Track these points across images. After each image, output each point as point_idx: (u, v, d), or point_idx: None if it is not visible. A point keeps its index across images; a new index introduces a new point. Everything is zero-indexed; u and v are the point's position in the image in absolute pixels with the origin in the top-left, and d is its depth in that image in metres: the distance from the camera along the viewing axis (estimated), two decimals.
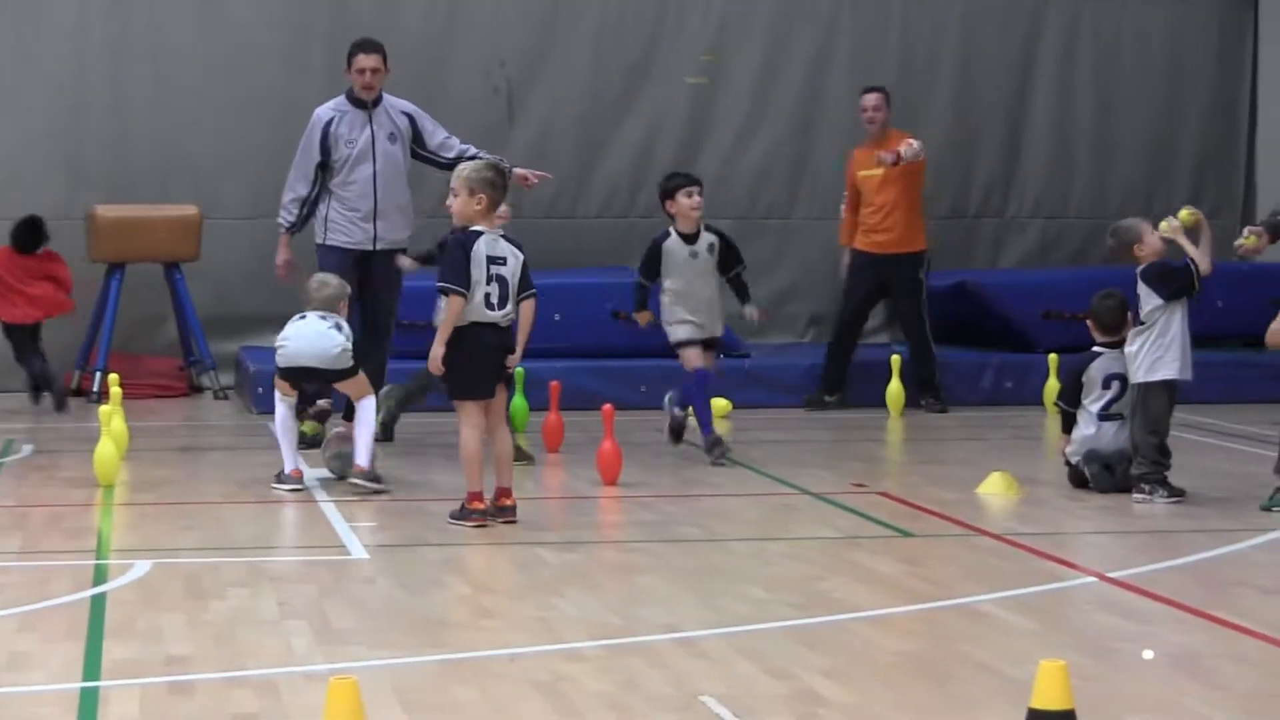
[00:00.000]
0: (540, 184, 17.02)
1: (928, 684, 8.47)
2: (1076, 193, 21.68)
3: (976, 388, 19.10)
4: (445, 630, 9.53)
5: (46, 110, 20.32)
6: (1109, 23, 22.04)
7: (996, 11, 21.89)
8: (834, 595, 10.32)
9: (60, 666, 8.73)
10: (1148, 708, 7.95)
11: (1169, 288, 13.04)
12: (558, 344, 18.70)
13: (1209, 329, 13.42)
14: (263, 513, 13.09)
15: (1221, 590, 10.38)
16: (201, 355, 20.01)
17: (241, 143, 20.26)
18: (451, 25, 21.04)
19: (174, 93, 20.54)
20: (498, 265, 12.28)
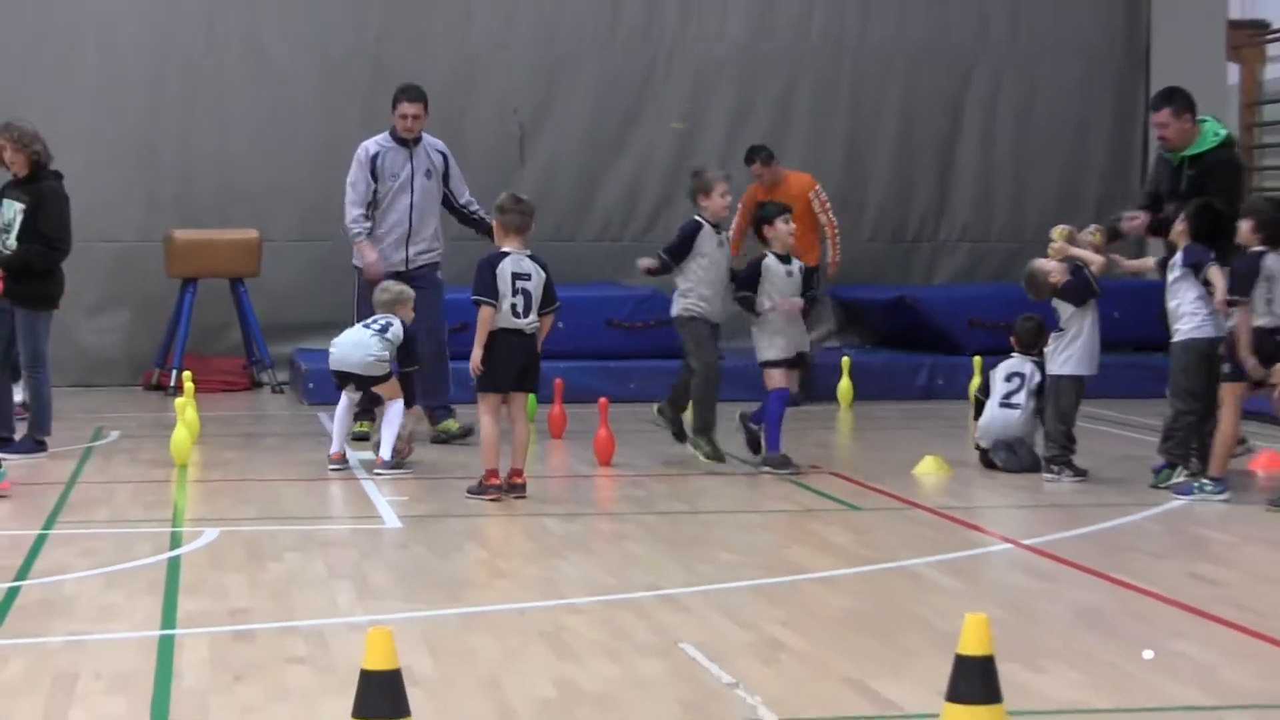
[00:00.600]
0: (551, 209, 17.24)
1: (871, 634, 8.50)
2: (998, 221, 21.71)
3: (914, 385, 19.12)
4: (465, 588, 9.57)
5: (130, 153, 20.33)
6: (1026, 80, 22.00)
7: (931, 67, 21.84)
8: (793, 559, 10.37)
9: (142, 617, 8.77)
10: (1055, 653, 7.98)
11: (1078, 296, 13.10)
12: (561, 347, 18.70)
13: (1108, 337, 13.45)
14: (312, 489, 13.12)
15: (1118, 555, 10.41)
16: (261, 356, 20.01)
17: (291, 177, 20.27)
18: (472, 79, 21.00)
19: (234, 137, 20.55)
20: (523, 280, 12.38)
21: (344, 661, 7.66)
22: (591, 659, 7.88)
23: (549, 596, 9.27)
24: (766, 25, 21.60)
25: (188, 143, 20.57)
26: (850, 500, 12.47)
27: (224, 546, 10.67)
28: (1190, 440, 12.61)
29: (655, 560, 10.39)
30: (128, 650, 8.09)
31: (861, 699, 7.25)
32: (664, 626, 8.53)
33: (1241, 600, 9.19)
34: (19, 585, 9.53)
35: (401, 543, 10.93)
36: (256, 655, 8.01)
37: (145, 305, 20.28)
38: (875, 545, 10.82)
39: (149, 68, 20.48)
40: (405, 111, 15.24)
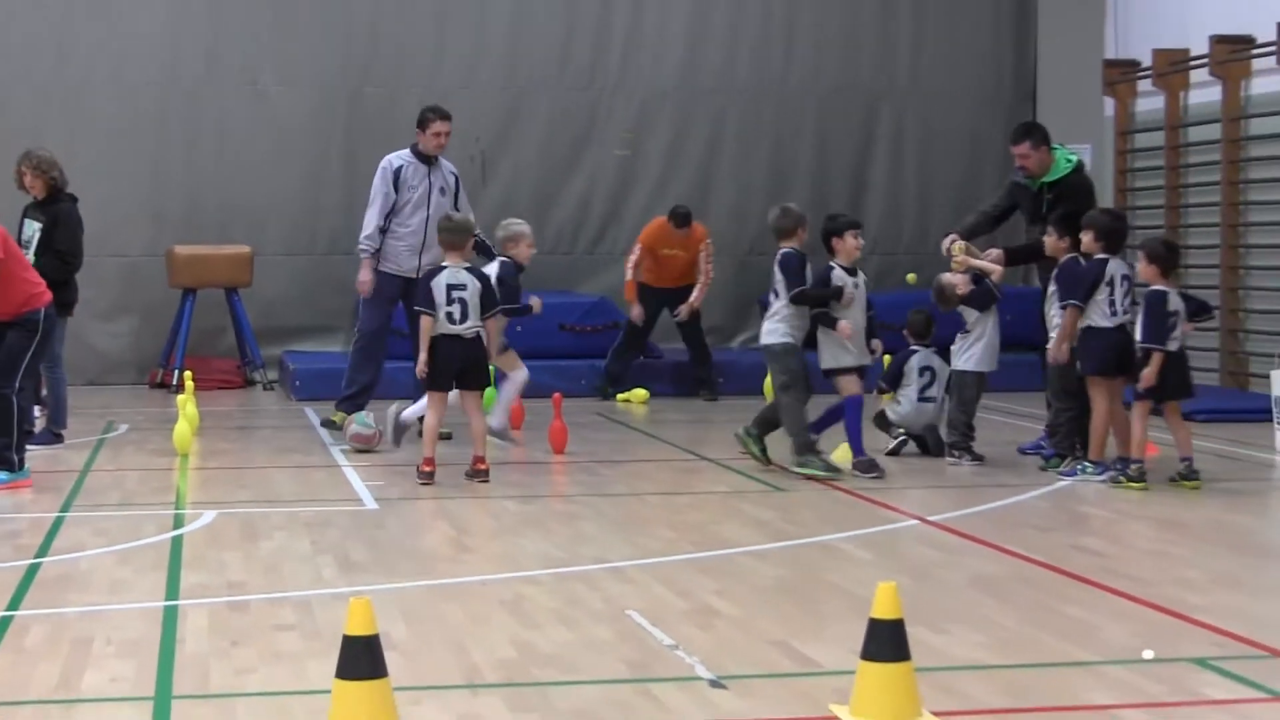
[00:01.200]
0: None
1: (795, 601, 8.50)
2: (905, 235, 21.75)
3: (829, 381, 19.06)
4: (435, 562, 9.53)
5: (137, 175, 20.25)
6: (927, 114, 22.06)
7: (844, 104, 21.90)
8: (725, 535, 10.35)
9: (149, 589, 8.73)
10: (955, 616, 7.98)
11: (982, 303, 13.15)
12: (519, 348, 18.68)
13: (1003, 338, 13.53)
14: (299, 475, 13.05)
15: (1011, 529, 10.43)
16: (253, 357, 19.95)
17: (280, 198, 20.26)
18: None
19: (230, 162, 20.51)
20: (458, 291, 12.35)
21: (328, 628, 7.63)
22: (547, 624, 7.86)
23: (509, 569, 9.25)
24: (698, 67, 21.61)
25: (188, 167, 20.54)
26: (775, 483, 12.46)
27: (221, 527, 10.62)
28: (1074, 433, 12.74)
29: (603, 537, 10.36)
30: (136, 619, 8.04)
31: (786, 658, 7.24)
32: (612, 595, 8.51)
33: (1119, 569, 9.21)
34: (39, 562, 9.48)
35: (378, 522, 10.88)
36: (250, 623, 7.97)
37: (150, 312, 20.23)
38: (798, 522, 10.81)
39: (155, 100, 20.42)
40: (439, 130, 14.86)
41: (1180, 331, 12.04)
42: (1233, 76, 18.78)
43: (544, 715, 6.39)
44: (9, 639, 7.62)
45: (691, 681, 6.82)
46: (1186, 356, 12.32)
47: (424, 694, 6.61)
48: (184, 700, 6.62)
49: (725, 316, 21.26)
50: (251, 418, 17.29)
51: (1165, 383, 11.94)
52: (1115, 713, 6.38)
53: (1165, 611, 8.12)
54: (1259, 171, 18.59)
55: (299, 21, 20.69)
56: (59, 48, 20.18)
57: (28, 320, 12.05)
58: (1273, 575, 9.35)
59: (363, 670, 5.96)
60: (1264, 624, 7.87)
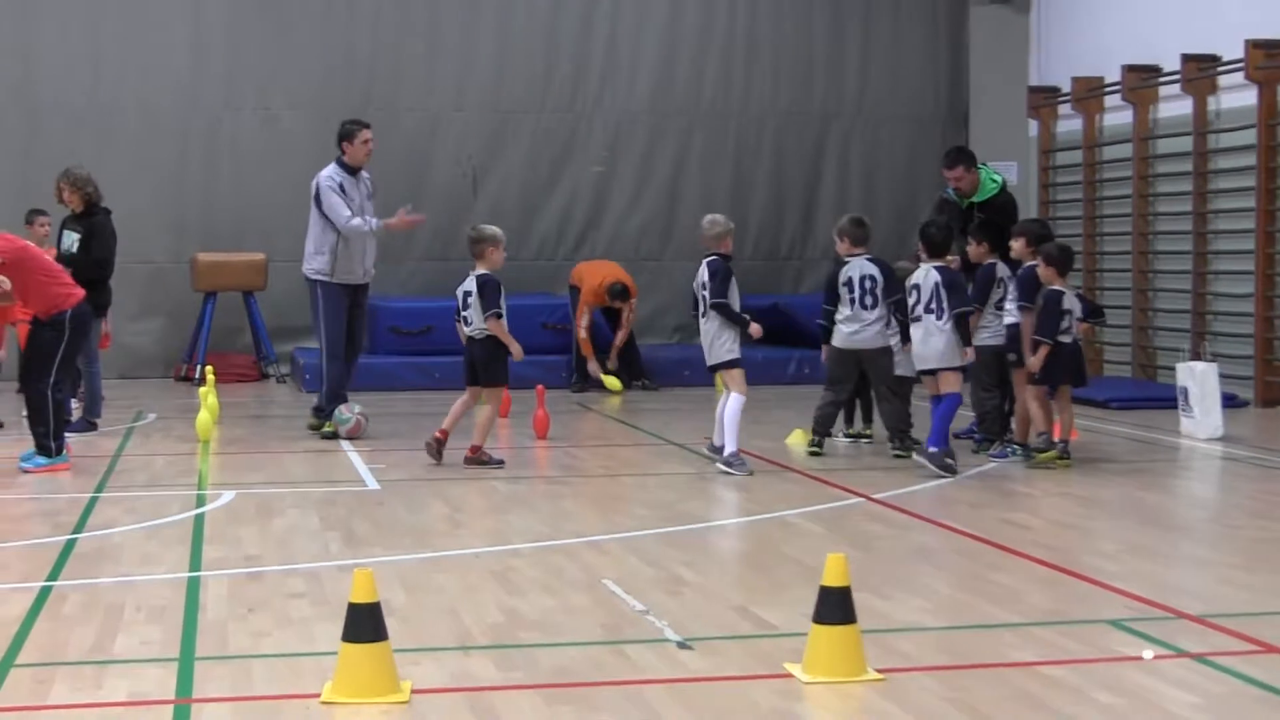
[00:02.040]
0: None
1: (754, 570, 8.51)
2: None
3: (784, 374, 19.16)
4: (431, 537, 9.51)
5: (162, 189, 20.29)
6: (871, 134, 22.17)
7: (798, 125, 21.96)
8: (691, 512, 10.34)
9: (174, 561, 8.70)
10: (897, 583, 7.99)
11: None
12: None
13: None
14: (309, 459, 13.02)
15: (946, 506, 10.44)
16: (268, 353, 19.95)
17: (291, 210, 19.96)
18: (434, 130, 21.03)
19: (246, 178, 20.55)
20: (470, 297, 12.42)
21: (335, 596, 7.61)
22: (532, 592, 7.85)
23: (498, 543, 9.24)
24: (667, 92, 21.66)
25: (208, 183, 20.57)
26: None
27: (239, 505, 10.60)
28: (999, 420, 12.77)
29: (582, 514, 10.36)
30: (163, 588, 8.02)
31: (746, 622, 7.24)
32: (589, 566, 8.51)
33: (1042, 540, 9.23)
34: (76, 537, 9.45)
35: (380, 501, 10.86)
36: (265, 592, 7.95)
37: (175, 313, 20.21)
38: (757, 500, 10.81)
39: (178, 122, 20.45)
40: (368, 137, 14.08)
41: (1075, 329, 12.12)
42: (1142, 101, 18.83)
43: (529, 674, 6.38)
44: (49, 606, 7.60)
45: (661, 643, 6.82)
46: (1080, 349, 12.37)
47: (421, 655, 6.60)
48: (205, 661, 6.60)
49: (689, 317, 21.21)
50: (266, 408, 17.25)
51: (1058, 371, 12.01)
52: (1040, 669, 6.39)
53: (1083, 579, 8.14)
54: (1165, 186, 18.63)
55: (306, 51, 20.69)
56: (92, 75, 20.19)
57: (56, 321, 12.02)
58: (1178, 546, 9.38)
59: (366, 634, 5.96)
60: (1171, 589, 7.90)
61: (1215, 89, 17.69)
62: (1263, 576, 8.23)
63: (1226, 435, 13.76)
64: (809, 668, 6.23)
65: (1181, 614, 7.31)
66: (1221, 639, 6.86)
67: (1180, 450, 13.43)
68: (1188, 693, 6.05)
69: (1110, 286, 19.77)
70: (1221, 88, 17.60)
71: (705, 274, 12.26)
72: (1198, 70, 17.69)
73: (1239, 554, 9.04)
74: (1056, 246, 12.38)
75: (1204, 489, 12.10)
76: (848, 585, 6.21)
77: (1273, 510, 10.61)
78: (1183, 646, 6.70)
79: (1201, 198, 17.82)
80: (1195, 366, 14.13)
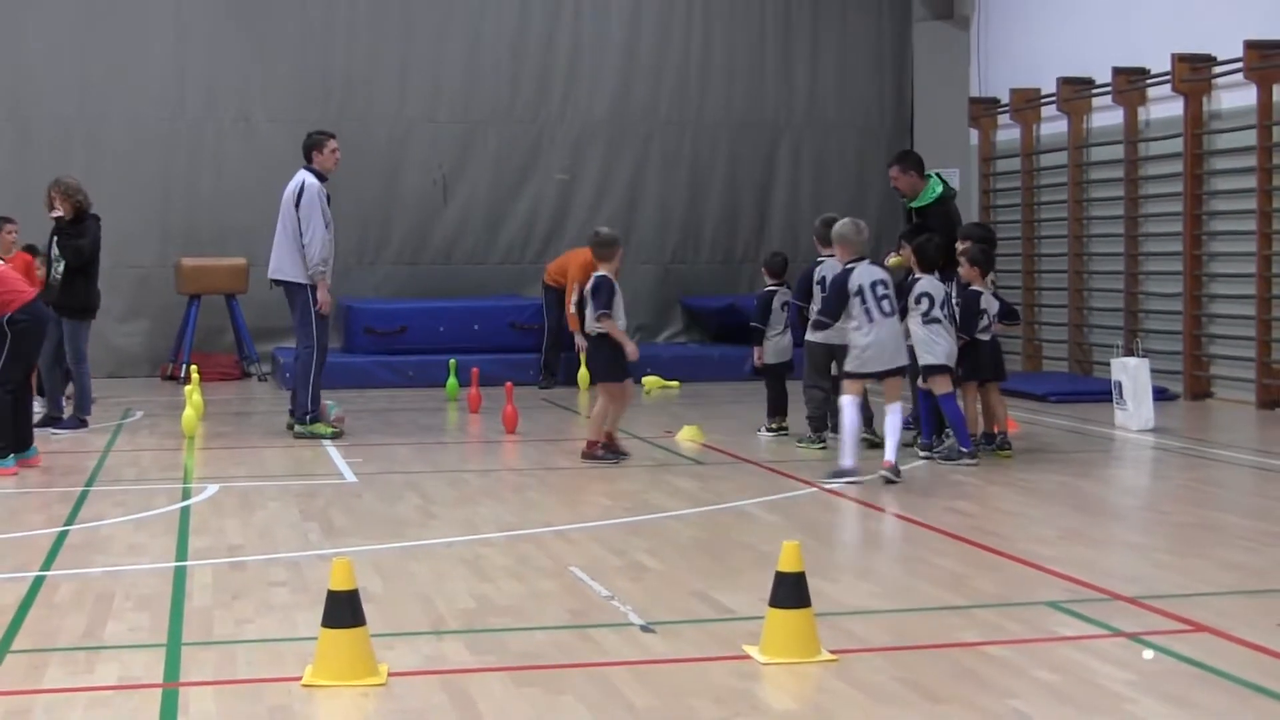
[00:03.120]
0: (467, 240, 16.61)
1: (712, 557, 8.50)
2: (802, 246, 21.64)
3: (740, 370, 19.10)
4: (406, 527, 9.49)
5: (148, 197, 20.23)
6: (820, 142, 22.23)
7: (751, 135, 22.01)
8: (653, 502, 10.34)
9: (161, 551, 8.68)
10: (849, 569, 8.00)
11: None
12: (476, 344, 18.78)
13: None
14: (289, 453, 12.97)
15: (894, 495, 10.44)
16: (250, 353, 19.87)
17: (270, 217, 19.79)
18: (406, 141, 21.02)
19: (228, 185, 20.50)
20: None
21: (315, 584, 7.59)
22: (502, 579, 7.84)
23: (469, 533, 9.22)
24: (627, 104, 21.69)
25: (192, 191, 20.51)
26: (695, 456, 12.47)
27: (223, 498, 10.56)
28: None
29: (549, 504, 10.35)
30: (151, 577, 7.98)
31: (705, 606, 7.24)
32: (557, 554, 8.50)
33: (984, 527, 9.26)
34: (68, 529, 9.41)
35: (357, 493, 10.83)
36: (248, 580, 7.92)
37: (161, 315, 20.13)
38: (715, 491, 10.80)
39: (163, 133, 20.40)
40: (336, 147, 13.86)
41: (993, 327, 12.17)
42: (1077, 112, 18.90)
43: (499, 657, 6.37)
44: (42, 595, 7.56)
45: (625, 627, 6.82)
46: (999, 346, 12.42)
47: (396, 640, 6.58)
48: (192, 646, 6.57)
49: (651, 316, 21.32)
50: (248, 405, 17.18)
51: (979, 367, 12.03)
52: (983, 649, 6.40)
53: (1023, 563, 8.16)
54: (1098, 191, 18.71)
55: (284, 65, 20.65)
56: (80, 88, 20.11)
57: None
58: (1113, 531, 9.41)
59: (344, 620, 5.95)
60: (1106, 572, 7.93)
61: (1145, 100, 17.77)
62: (1192, 560, 8.27)
63: (1158, 427, 13.81)
64: (765, 649, 6.23)
65: (1116, 595, 7.34)
66: (1154, 619, 6.89)
67: (1114, 441, 13.48)
68: (1123, 670, 6.07)
69: (1048, 286, 19.84)
70: (1150, 99, 17.68)
71: (879, 275, 11.26)
72: (1128, 82, 17.77)
73: (1170, 539, 9.08)
74: (979, 249, 12.35)
75: (1137, 478, 12.14)
76: (802, 571, 6.22)
77: (1201, 498, 10.66)
78: (1118, 626, 6.73)
79: (1133, 203, 17.90)
80: (1128, 362, 14.18)
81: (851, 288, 11.10)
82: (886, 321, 11.06)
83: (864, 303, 11.04)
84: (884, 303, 11.05)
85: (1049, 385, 17.00)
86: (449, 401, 16.88)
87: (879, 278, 11.15)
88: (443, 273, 21.04)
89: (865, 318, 11.04)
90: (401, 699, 5.82)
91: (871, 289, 11.05)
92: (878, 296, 11.05)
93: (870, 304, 11.03)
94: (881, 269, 11.32)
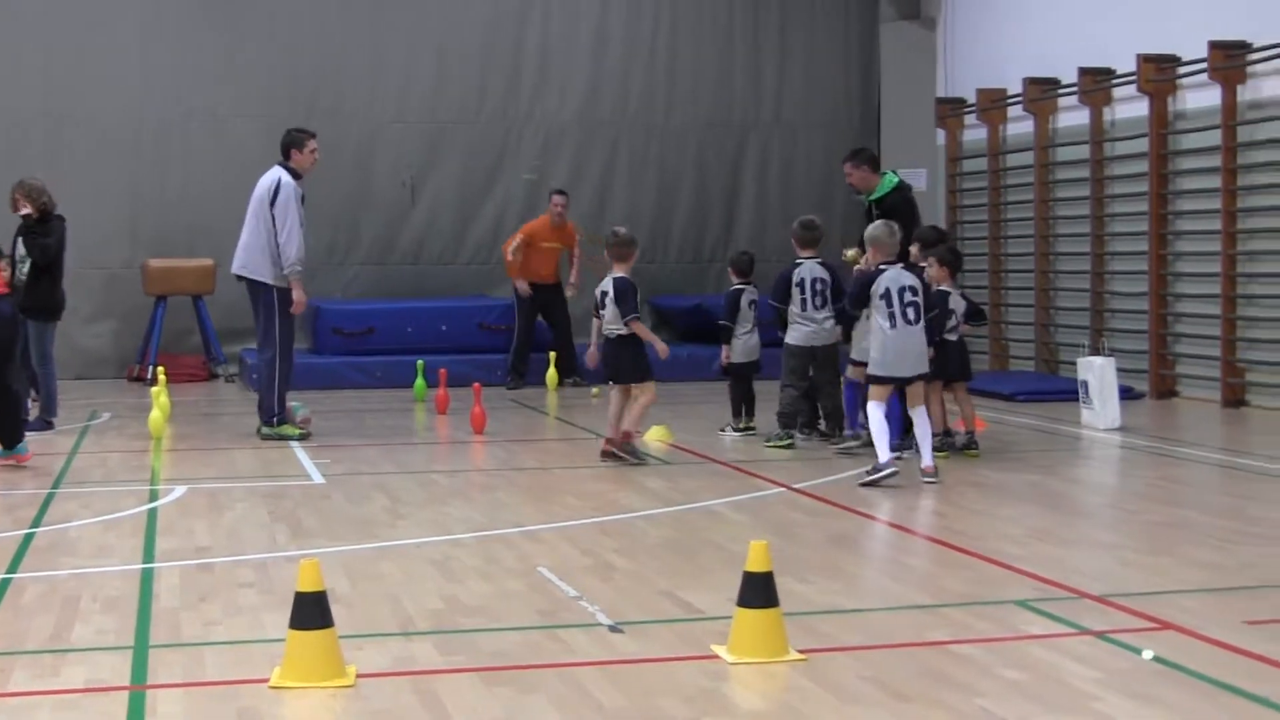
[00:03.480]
0: (433, 242, 16.54)
1: (682, 557, 8.50)
2: (770, 245, 21.72)
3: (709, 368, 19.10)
4: (374, 528, 9.46)
5: (115, 197, 20.13)
6: (788, 142, 22.24)
7: (719, 137, 22.03)
8: (621, 502, 10.34)
9: (129, 553, 8.64)
10: (817, 569, 8.00)
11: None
12: (444, 344, 18.76)
13: None
14: (257, 455, 12.92)
15: (863, 494, 10.46)
16: (216, 355, 19.81)
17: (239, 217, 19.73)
18: (375, 139, 20.97)
19: (196, 186, 20.39)
20: (605, 297, 12.17)
21: (282, 585, 7.56)
22: (471, 580, 7.82)
23: (438, 533, 9.20)
24: (595, 105, 21.67)
25: (159, 190, 20.40)
26: (664, 457, 12.47)
27: (190, 499, 10.52)
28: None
29: (518, 504, 10.33)
30: (118, 579, 7.95)
31: (674, 605, 7.23)
32: (525, 554, 8.48)
33: (953, 526, 9.28)
34: (34, 531, 9.36)
35: (325, 494, 10.80)
36: (216, 581, 7.89)
37: (128, 316, 20.04)
38: (683, 490, 10.80)
39: (130, 132, 20.29)
40: (315, 147, 13.63)
41: (960, 327, 12.22)
42: (1042, 112, 18.96)
43: (469, 657, 6.36)
44: (8, 598, 7.52)
45: (594, 627, 6.81)
46: (966, 346, 12.49)
47: (365, 641, 6.56)
48: (159, 649, 6.55)
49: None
50: (215, 406, 17.12)
51: (947, 366, 12.08)
52: (952, 648, 6.41)
53: (992, 561, 8.17)
54: (1065, 191, 18.77)
55: (253, 63, 20.57)
56: (44, 87, 19.98)
57: None
58: (1080, 530, 9.43)
59: (313, 621, 5.93)
60: (1073, 571, 7.95)
61: (1110, 100, 17.83)
62: (1159, 558, 8.29)
63: (1124, 425, 13.86)
64: (734, 649, 6.23)
65: (1084, 594, 7.35)
66: (1121, 617, 6.91)
67: (1081, 440, 13.52)
68: (1090, 668, 6.08)
69: (1014, 286, 19.90)
70: (1116, 99, 17.74)
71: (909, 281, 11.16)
72: (1094, 83, 17.83)
73: (1137, 537, 9.11)
74: (949, 250, 12.48)
75: (1104, 476, 12.18)
76: (770, 570, 6.22)
77: (1168, 495, 10.70)
78: (1085, 625, 6.75)
79: (1099, 202, 17.96)
80: (1094, 361, 14.23)
81: (877, 290, 11.04)
82: (911, 329, 11.02)
83: (889, 307, 11.00)
84: (909, 310, 11.01)
85: (1016, 384, 17.05)
86: (417, 402, 16.85)
87: (909, 284, 11.08)
88: (411, 273, 21.01)
89: (888, 323, 10.99)
90: (370, 700, 5.80)
91: (899, 294, 11.02)
92: (904, 303, 11.02)
93: (896, 309, 11.00)
94: (912, 275, 11.20)
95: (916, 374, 11.10)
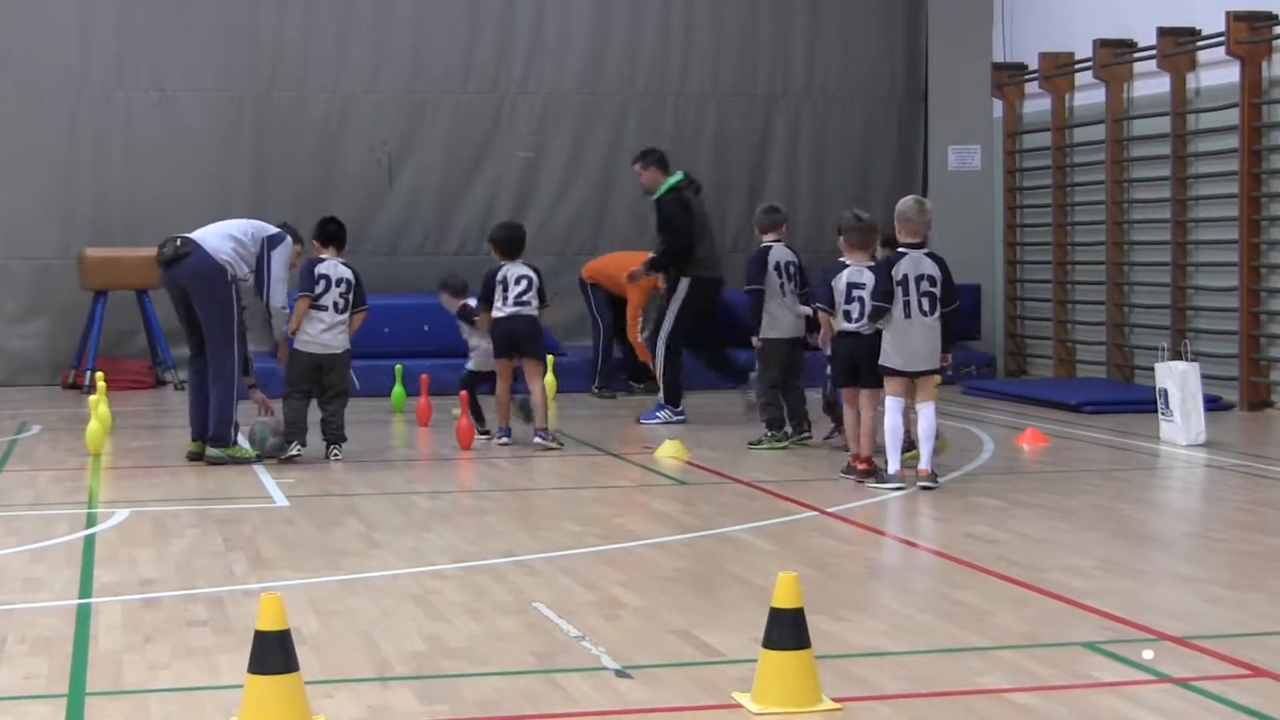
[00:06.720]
0: (413, 229, 16.52)
1: (697, 591, 8.51)
2: (800, 236, 21.67)
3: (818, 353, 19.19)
4: (345, 557, 9.47)
5: (47, 179, 20.15)
6: (820, 118, 22.21)
7: (742, 108, 22.01)
8: (628, 528, 10.36)
9: (62, 587, 8.65)
10: (854, 605, 8.01)
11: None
12: (427, 346, 18.74)
13: None
14: (210, 473, 12.94)
15: (905, 519, 10.49)
16: (164, 358, 19.83)
17: (189, 201, 20.04)
18: (346, 115, 20.97)
19: (140, 166, 20.41)
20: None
21: (240, 623, 7.57)
22: (456, 617, 7.83)
23: (418, 563, 9.22)
24: (599, 71, 21.64)
25: (98, 171, 20.41)
26: (677, 476, 12.48)
27: (134, 525, 10.53)
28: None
29: (509, 530, 10.34)
30: (49, 617, 7.96)
31: (690, 647, 7.24)
32: (518, 588, 8.50)
33: (1009, 555, 9.28)
34: None
35: (288, 519, 10.82)
36: (163, 619, 7.90)
37: (62, 314, 20.07)
38: (698, 514, 10.82)
39: (65, 106, 20.31)
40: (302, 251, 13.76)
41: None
42: (1116, 79, 18.96)
43: (453, 706, 6.37)
44: None
45: (598, 671, 6.82)
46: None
47: (335, 687, 6.58)
48: (97, 697, 6.56)
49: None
50: (163, 417, 17.14)
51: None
52: (1009, 696, 6.41)
53: (1054, 597, 8.18)
54: (1141, 171, 18.76)
55: (205, 29, 20.58)
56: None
57: None
58: (1156, 561, 9.44)
59: (275, 665, 5.93)
60: (1148, 608, 7.95)
61: (1194, 65, 17.82)
62: (1249, 594, 8.29)
63: (1209, 441, 13.86)
64: (759, 697, 6.24)
65: (1162, 635, 7.35)
66: (1206, 662, 6.91)
67: (1159, 457, 13.52)
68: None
69: (1082, 280, 19.89)
70: (1201, 64, 17.73)
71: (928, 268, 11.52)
72: (1175, 45, 17.82)
73: (1224, 570, 9.10)
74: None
75: (1185, 499, 12.18)
76: (800, 606, 6.22)
77: (1260, 522, 10.70)
78: (1165, 671, 6.75)
79: (1181, 183, 17.95)
80: (1175, 366, 14.22)
81: (895, 275, 11.41)
82: (924, 321, 11.41)
83: (905, 295, 11.38)
84: (924, 300, 11.38)
85: (1084, 393, 17.05)
86: (395, 413, 16.87)
87: (927, 271, 11.42)
88: (387, 265, 20.95)
89: (902, 312, 11.38)
90: None
91: (916, 283, 11.38)
92: (920, 292, 11.38)
93: (912, 299, 11.38)
94: (933, 262, 11.48)
95: (927, 369, 11.53)
